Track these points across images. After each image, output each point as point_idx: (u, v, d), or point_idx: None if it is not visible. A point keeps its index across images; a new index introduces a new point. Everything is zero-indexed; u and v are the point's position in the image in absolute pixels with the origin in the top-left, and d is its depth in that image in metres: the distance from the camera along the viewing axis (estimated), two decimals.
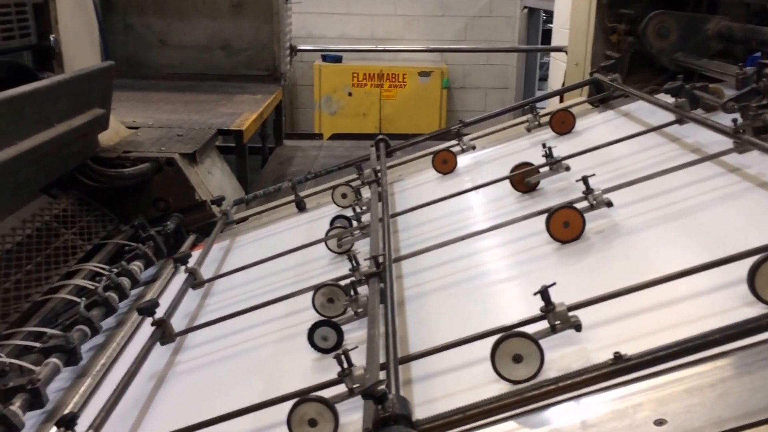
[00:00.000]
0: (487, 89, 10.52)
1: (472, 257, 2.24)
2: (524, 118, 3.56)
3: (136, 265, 3.22)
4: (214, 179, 4.16)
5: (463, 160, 3.23)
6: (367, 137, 8.08)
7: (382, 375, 1.53)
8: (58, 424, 1.76)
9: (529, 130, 3.39)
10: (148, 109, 5.40)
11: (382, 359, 1.60)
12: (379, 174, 2.96)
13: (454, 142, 3.36)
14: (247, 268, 2.90)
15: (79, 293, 2.92)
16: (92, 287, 2.94)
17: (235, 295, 2.82)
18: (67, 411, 2.22)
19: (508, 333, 1.51)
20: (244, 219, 3.83)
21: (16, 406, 2.12)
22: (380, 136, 3.52)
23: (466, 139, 3.34)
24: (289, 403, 1.65)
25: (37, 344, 2.51)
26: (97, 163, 3.74)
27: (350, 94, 10.21)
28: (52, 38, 3.72)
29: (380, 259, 2.03)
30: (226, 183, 4.36)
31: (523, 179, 2.62)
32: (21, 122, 2.82)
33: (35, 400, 2.21)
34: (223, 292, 2.92)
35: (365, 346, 1.75)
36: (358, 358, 1.67)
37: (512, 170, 2.67)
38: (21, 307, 2.78)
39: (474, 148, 3.29)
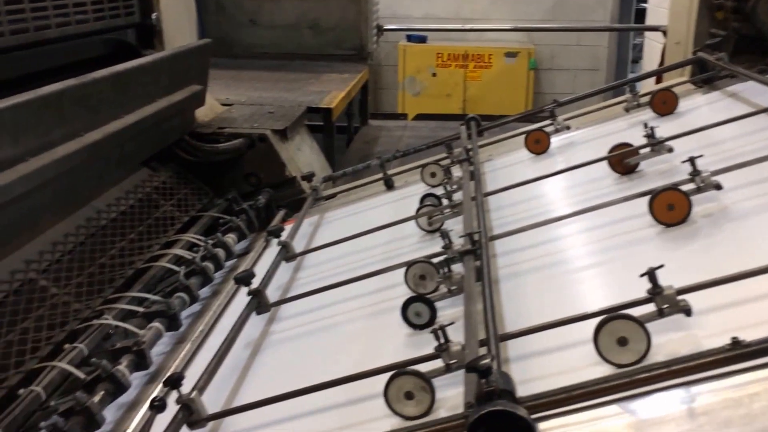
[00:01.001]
0: (576, 71, 10.25)
1: (569, 239, 2.19)
2: (621, 98, 3.44)
3: (230, 238, 3.32)
4: (303, 156, 4.23)
5: (556, 141, 3.17)
6: (451, 118, 8.04)
7: (481, 351, 1.53)
8: (165, 383, 1.83)
9: (627, 110, 3.29)
10: (240, 87, 5.52)
11: (480, 336, 1.59)
12: (470, 153, 2.93)
13: (547, 122, 3.29)
14: (337, 244, 2.94)
15: (178, 262, 3.04)
16: (190, 257, 3.05)
17: (325, 270, 2.87)
18: (170, 373, 2.32)
19: (612, 315, 1.48)
20: (333, 196, 3.88)
21: (123, 366, 2.23)
22: (471, 115, 3.48)
23: (560, 118, 3.27)
24: (384, 376, 1.68)
25: (141, 309, 2.63)
26: (193, 138, 3.87)
27: (434, 75, 10.14)
28: (154, 16, 3.85)
29: (475, 237, 2.01)
30: (315, 160, 4.42)
31: (622, 160, 2.55)
32: (126, 97, 2.94)
33: (140, 362, 2.32)
34: (313, 266, 2.97)
35: (461, 323, 1.75)
36: (454, 335, 1.68)
37: (610, 151, 2.59)
38: (125, 273, 2.91)
39: (568, 128, 3.21)
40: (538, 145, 3.09)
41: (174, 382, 1.80)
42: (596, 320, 1.51)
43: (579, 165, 2.63)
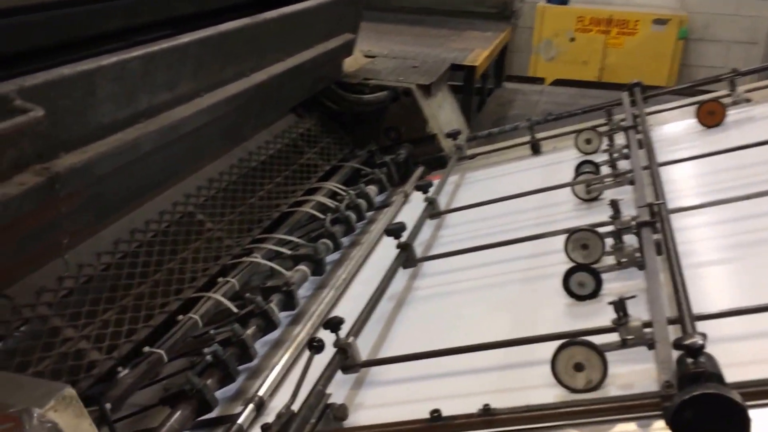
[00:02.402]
0: (730, 43, 9.52)
1: (755, 220, 2.02)
2: None
3: (371, 189, 3.32)
4: (444, 113, 4.15)
5: (733, 114, 2.93)
6: (590, 85, 7.69)
7: (671, 330, 1.43)
8: (325, 326, 1.85)
9: None
10: (382, 40, 5.49)
11: (667, 313, 1.49)
12: (638, 120, 2.76)
13: (724, 92, 3.04)
14: (484, 205, 2.88)
15: (320, 209, 3.07)
16: (332, 205, 3.08)
17: (469, 230, 2.81)
18: (313, 318, 2.35)
19: None
20: (473, 156, 3.80)
21: (273, 304, 2.28)
22: (635, 81, 3.28)
23: (740, 89, 3.01)
24: (546, 345, 1.61)
25: (287, 251, 2.68)
26: (340, 88, 3.87)
27: (572, 39, 9.69)
28: None
29: (655, 209, 1.89)
30: (455, 119, 4.34)
31: None
32: (289, 40, 2.96)
33: (289, 302, 2.37)
34: (456, 226, 2.92)
35: (637, 297, 1.64)
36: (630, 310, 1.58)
37: None
38: (271, 215, 2.97)
39: (749, 101, 2.96)
40: (712, 116, 2.86)
41: (333, 325, 1.81)
42: None
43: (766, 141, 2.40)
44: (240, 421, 1.79)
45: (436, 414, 1.38)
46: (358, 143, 3.94)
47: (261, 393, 1.91)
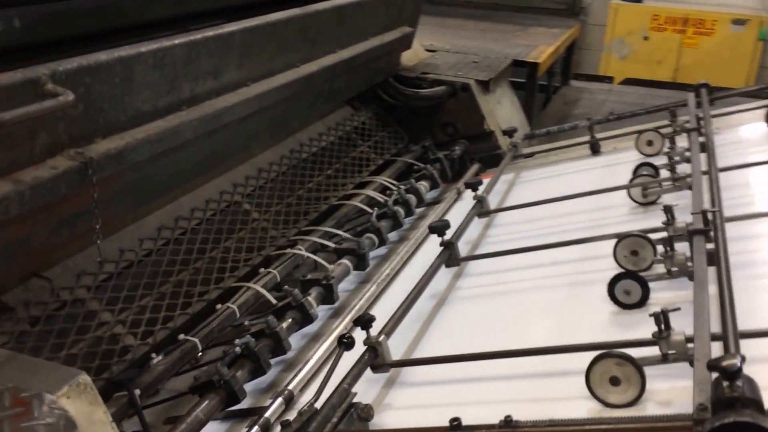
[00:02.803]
0: None
1: None
2: None
3: (422, 185, 3.27)
4: (503, 110, 4.06)
5: None
6: (662, 85, 7.41)
7: (714, 347, 1.33)
8: (356, 323, 1.81)
9: None
10: (446, 35, 5.42)
11: (712, 329, 1.40)
12: (702, 122, 2.62)
13: None
14: (535, 205, 2.79)
15: (370, 203, 3.03)
16: (381, 200, 3.04)
17: (518, 230, 2.73)
18: (352, 312, 2.32)
19: None
20: (531, 155, 3.70)
21: (311, 297, 2.26)
22: (702, 82, 3.12)
23: None
24: (585, 354, 1.53)
25: (331, 244, 2.66)
26: (396, 81, 3.82)
27: (646, 38, 9.36)
28: None
29: (709, 216, 1.78)
30: (514, 116, 4.23)
31: None
32: (343, 32, 2.93)
33: (328, 296, 2.34)
34: (505, 225, 2.84)
35: (683, 310, 1.54)
36: (675, 322, 1.49)
37: None
38: (319, 208, 2.96)
39: None
40: None
41: (364, 323, 1.78)
42: None
43: None
44: (267, 414, 1.77)
45: (455, 422, 1.32)
46: (414, 138, 3.88)
47: (291, 387, 1.89)
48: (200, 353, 1.96)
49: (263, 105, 2.33)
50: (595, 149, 3.35)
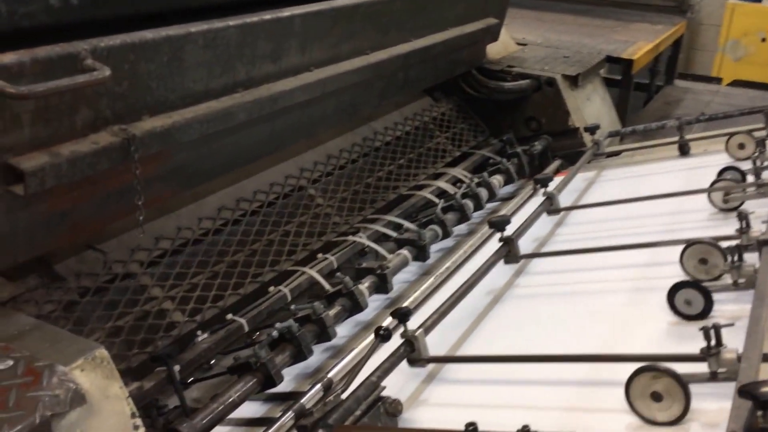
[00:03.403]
0: None
1: None
2: None
3: (496, 179, 3.18)
4: (591, 107, 3.89)
5: None
6: None
7: (763, 370, 1.21)
8: (393, 315, 1.77)
9: None
10: (540, 28, 5.25)
11: (765, 349, 1.27)
12: None
13: None
14: (610, 205, 2.65)
15: (439, 195, 2.98)
16: (452, 192, 2.98)
17: (590, 230, 2.60)
18: (406, 304, 2.28)
19: None
20: (616, 153, 3.53)
21: (364, 286, 2.23)
22: None
23: None
24: (630, 365, 1.43)
25: (394, 234, 2.62)
26: (480, 74, 3.74)
27: (764, 40, 8.78)
28: None
29: None
30: (604, 113, 4.05)
31: None
32: (418, 21, 2.88)
33: (381, 285, 2.31)
34: (577, 224, 2.72)
35: (742, 325, 1.42)
36: (730, 338, 1.36)
37: None
38: (387, 197, 2.93)
39: None
40: None
41: (401, 316, 1.73)
42: None
43: None
44: (303, 400, 1.75)
45: (471, 428, 1.26)
46: (496, 132, 3.79)
47: (331, 374, 1.88)
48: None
49: (327, 90, 2.31)
50: (683, 150, 3.15)
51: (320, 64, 2.30)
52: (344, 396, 1.53)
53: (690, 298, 1.69)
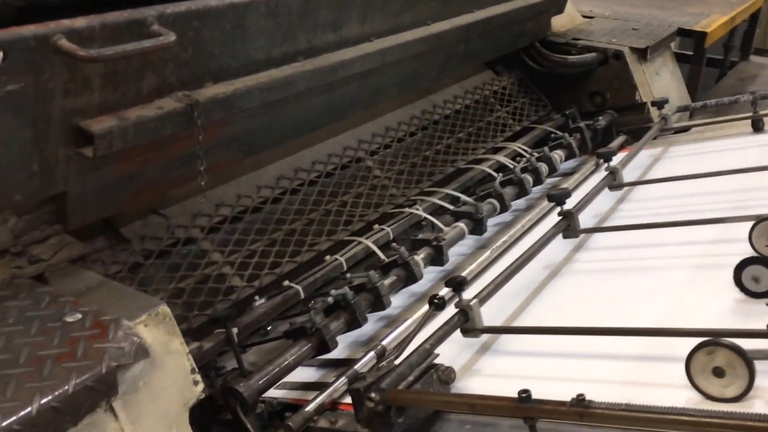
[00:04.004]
0: None
1: None
2: None
3: (557, 154, 3.12)
4: (660, 81, 3.76)
5: None
6: None
7: None
8: (447, 284, 1.77)
9: None
10: (608, 0, 5.10)
11: None
12: None
13: None
14: (676, 180, 2.57)
15: (498, 170, 2.95)
16: (511, 166, 2.94)
17: (654, 207, 2.53)
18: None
19: None
20: (685, 129, 3.41)
21: (420, 257, 2.23)
22: None
23: None
24: (692, 341, 1.39)
25: (450, 207, 2.62)
26: (544, 47, 3.66)
27: None
28: None
29: None
30: (673, 89, 3.92)
31: None
32: None
33: (437, 257, 2.31)
34: (641, 201, 2.65)
35: None
36: None
37: None
38: (445, 170, 2.92)
39: None
40: None
41: (456, 285, 1.73)
42: None
43: None
44: (357, 366, 1.78)
45: (524, 394, 1.25)
46: (557, 107, 3.72)
47: (385, 342, 1.89)
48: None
49: (387, 61, 2.30)
50: (757, 126, 3.03)
51: (380, 35, 2.29)
52: (397, 362, 1.54)
53: (758, 275, 1.64)
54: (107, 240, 1.78)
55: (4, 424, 1.05)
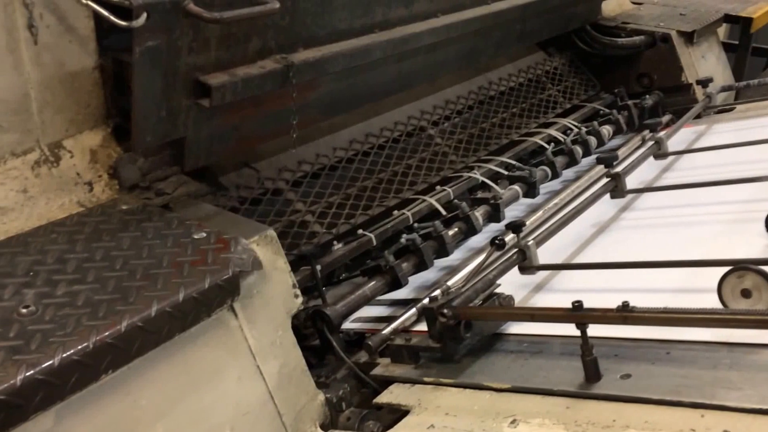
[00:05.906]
0: None
1: None
2: None
3: (605, 129, 3.31)
4: (706, 65, 3.92)
5: None
6: None
7: None
8: (507, 227, 2.00)
9: None
10: None
11: None
12: None
13: None
14: (719, 149, 2.75)
15: (549, 142, 3.15)
16: (562, 139, 3.14)
17: (697, 175, 2.71)
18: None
19: None
20: (729, 109, 3.56)
21: (479, 213, 2.47)
22: None
23: None
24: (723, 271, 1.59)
25: (505, 172, 2.84)
26: (594, 30, 3.84)
27: None
28: None
29: None
30: (719, 73, 4.06)
31: None
32: None
33: (494, 214, 2.54)
34: (685, 169, 2.83)
35: None
36: None
37: None
38: (500, 142, 3.14)
39: None
40: None
41: (515, 227, 1.95)
42: None
43: None
44: (425, 301, 2.01)
45: (577, 304, 1.47)
46: (606, 88, 3.89)
47: (450, 283, 2.13)
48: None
49: (450, 36, 2.54)
50: None
51: (446, 11, 2.53)
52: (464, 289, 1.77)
53: None
54: (209, 186, 2.05)
55: (156, 307, 1.33)
